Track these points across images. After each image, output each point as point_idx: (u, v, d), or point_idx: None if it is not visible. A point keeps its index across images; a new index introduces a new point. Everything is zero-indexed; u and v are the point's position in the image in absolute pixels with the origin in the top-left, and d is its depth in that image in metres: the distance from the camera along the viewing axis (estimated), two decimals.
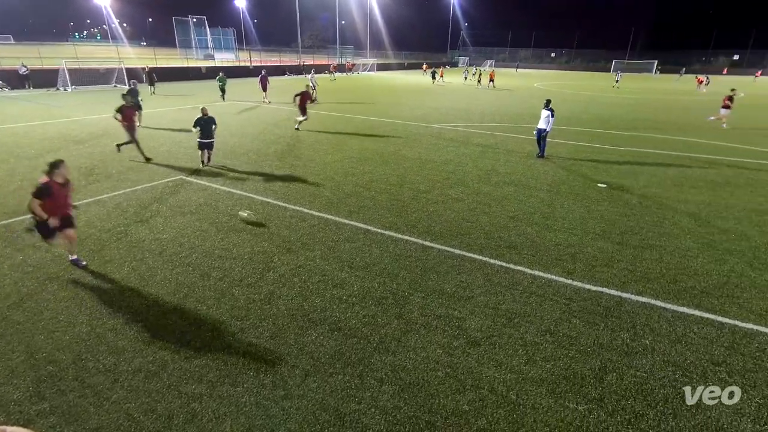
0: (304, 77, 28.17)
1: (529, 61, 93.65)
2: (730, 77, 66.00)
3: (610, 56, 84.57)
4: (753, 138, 16.51)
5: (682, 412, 3.73)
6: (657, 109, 25.50)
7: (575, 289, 5.61)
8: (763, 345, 4.59)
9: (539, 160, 12.30)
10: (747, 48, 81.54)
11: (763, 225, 7.87)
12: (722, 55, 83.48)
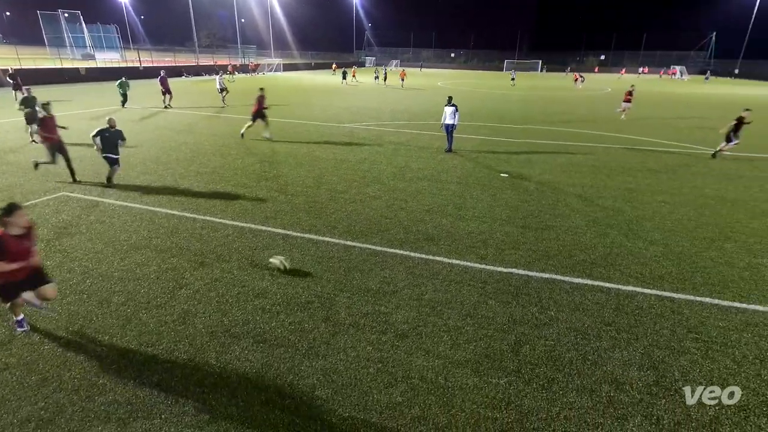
0: (215, 78, 26.31)
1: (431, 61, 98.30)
2: (601, 75, 75.87)
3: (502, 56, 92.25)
4: (623, 126, 19.18)
5: (584, 371, 4.22)
6: (545, 104, 28.39)
7: (489, 273, 6.04)
8: (641, 303, 5.38)
9: (448, 155, 12.99)
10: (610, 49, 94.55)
11: (634, 201, 9.19)
12: (591, 55, 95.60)
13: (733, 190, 10.10)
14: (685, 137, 16.79)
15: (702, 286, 5.79)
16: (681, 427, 3.60)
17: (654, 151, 14.19)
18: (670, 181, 10.69)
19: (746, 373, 4.22)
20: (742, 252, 6.83)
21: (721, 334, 4.79)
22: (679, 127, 19.55)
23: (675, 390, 3.98)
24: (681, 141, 15.98)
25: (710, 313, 5.19)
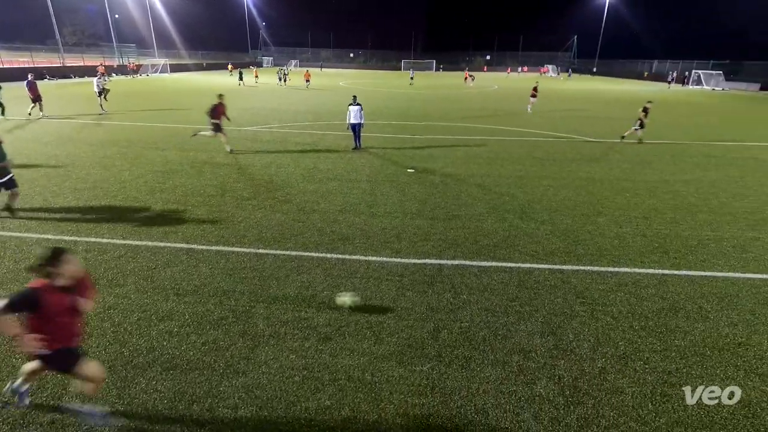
0: (92, 81, 23.10)
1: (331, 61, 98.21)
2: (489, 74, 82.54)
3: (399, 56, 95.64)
4: (511, 120, 21.12)
5: (496, 346, 4.59)
6: (442, 101, 30.08)
7: (404, 266, 6.25)
8: (538, 277, 6.00)
9: (356, 154, 13.12)
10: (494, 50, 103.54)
11: (524, 187, 10.20)
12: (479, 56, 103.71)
13: (600, 171, 11.74)
14: (561, 127, 19.06)
15: (584, 256, 6.65)
16: (578, 381, 4.10)
17: (537, 141, 15.88)
18: (552, 167, 12.06)
19: (622, 326, 4.95)
20: (611, 224, 7.99)
21: (602, 296, 5.56)
22: (554, 118, 22.12)
23: (570, 349, 4.53)
24: (557, 131, 18.11)
25: (592, 279, 5.99)
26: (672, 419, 3.69)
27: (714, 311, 5.26)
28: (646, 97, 29.56)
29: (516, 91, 41.52)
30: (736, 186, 10.51)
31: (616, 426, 3.62)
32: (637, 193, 9.84)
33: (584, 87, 49.46)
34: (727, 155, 13.99)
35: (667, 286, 5.83)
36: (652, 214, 8.52)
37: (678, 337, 4.76)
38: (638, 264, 6.42)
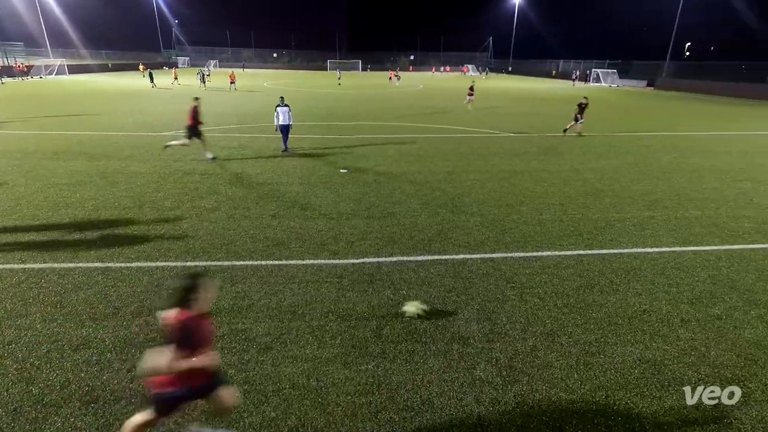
0: None
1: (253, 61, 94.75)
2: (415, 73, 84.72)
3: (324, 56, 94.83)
4: (436, 118, 21.88)
5: (437, 336, 4.74)
6: (371, 101, 30.35)
7: (343, 267, 6.22)
8: (471, 267, 6.30)
9: (286, 156, 12.80)
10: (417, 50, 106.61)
11: (453, 181, 10.64)
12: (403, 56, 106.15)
13: (520, 164, 12.60)
14: (484, 124, 20.14)
15: (511, 243, 7.10)
16: (513, 361, 4.37)
17: (463, 138, 16.64)
18: (477, 162, 12.71)
19: (548, 305, 5.37)
20: (533, 212, 8.61)
21: (529, 279, 5.97)
22: (477, 115, 23.31)
23: (504, 332, 4.81)
24: (481, 127, 19.11)
25: (519, 264, 6.42)
26: (594, 385, 4.07)
27: (622, 284, 5.89)
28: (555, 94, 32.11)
29: (441, 90, 43.16)
30: (633, 172, 11.84)
31: (548, 398, 3.91)
32: (553, 182, 10.70)
33: (501, 85, 52.69)
34: (624, 145, 15.71)
35: (583, 265, 6.41)
36: (567, 200, 9.32)
37: (595, 311, 5.26)
38: (558, 247, 6.99)
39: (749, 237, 7.52)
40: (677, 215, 8.51)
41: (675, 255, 6.80)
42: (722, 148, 15.29)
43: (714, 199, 9.53)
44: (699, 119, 23.51)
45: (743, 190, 10.23)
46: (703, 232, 7.68)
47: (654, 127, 20.19)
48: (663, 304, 5.42)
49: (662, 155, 13.97)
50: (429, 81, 58.86)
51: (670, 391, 4.01)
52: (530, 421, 3.67)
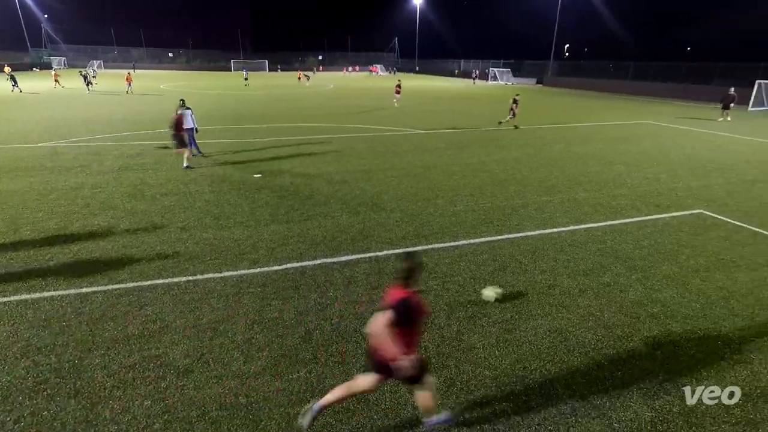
0: None
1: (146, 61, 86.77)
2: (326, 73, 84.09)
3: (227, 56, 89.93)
4: (349, 118, 21.96)
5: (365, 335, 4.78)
6: (281, 102, 29.48)
7: (265, 275, 5.99)
8: (395, 262, 6.45)
9: (193, 162, 11.93)
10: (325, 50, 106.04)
11: (371, 179, 10.79)
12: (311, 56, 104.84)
13: (432, 159, 13.19)
14: (396, 122, 20.69)
15: (430, 235, 7.41)
16: (440, 348, 4.58)
17: (377, 136, 16.93)
18: (393, 159, 13.03)
19: (468, 291, 5.70)
20: (448, 204, 9.07)
21: (449, 268, 6.29)
22: (390, 114, 23.88)
23: (431, 322, 5.01)
24: (393, 125, 19.61)
25: (439, 254, 6.73)
26: (513, 359, 4.43)
27: (530, 264, 6.48)
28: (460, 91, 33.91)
29: (351, 89, 43.41)
30: (531, 161, 13.04)
31: (475, 377, 4.17)
32: (463, 175, 11.37)
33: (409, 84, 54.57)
34: (521, 137, 17.23)
35: (495, 250, 6.92)
36: (477, 191, 9.97)
37: (508, 289, 5.71)
38: (473, 235, 7.46)
39: (626, 212, 8.72)
40: (569, 198, 9.57)
41: (570, 233, 7.64)
42: (599, 137, 17.50)
43: (597, 182, 10.88)
44: (579, 112, 26.62)
45: (618, 173, 11.82)
46: (590, 211, 8.73)
47: (545, 120, 22.42)
48: (564, 278, 6.06)
49: (553, 145, 15.59)
50: (340, 81, 58.86)
51: (575, 354, 4.51)
52: (460, 401, 3.87)
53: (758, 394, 4.00)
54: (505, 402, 3.88)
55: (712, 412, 3.79)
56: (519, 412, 3.76)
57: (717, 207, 9.06)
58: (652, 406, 3.85)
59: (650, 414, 3.76)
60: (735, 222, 8.26)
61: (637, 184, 10.78)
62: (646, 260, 6.61)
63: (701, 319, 5.15)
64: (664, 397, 3.96)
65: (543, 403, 3.87)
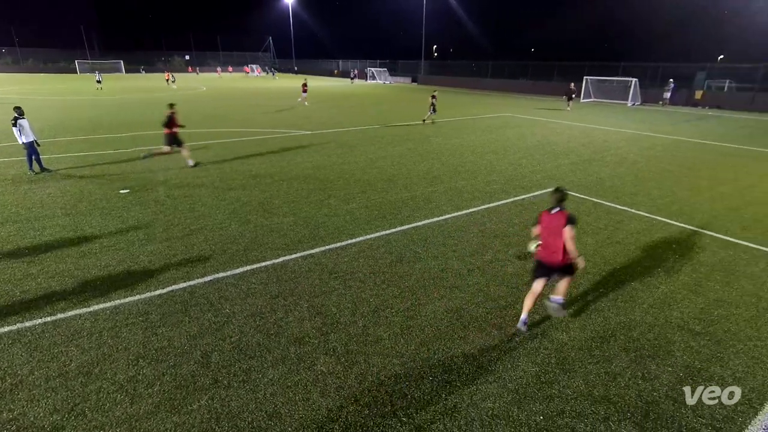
0: None
1: None
2: (197, 74, 77.49)
3: (71, 56, 77.21)
4: (229, 121, 20.63)
5: (272, 345, 4.59)
6: (145, 107, 26.35)
7: (146, 301, 5.34)
8: (293, 267, 6.29)
9: (37, 181, 10.03)
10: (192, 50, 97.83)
11: (259, 185, 10.33)
12: (176, 56, 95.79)
13: (320, 158, 13.14)
14: (280, 124, 20.07)
15: (326, 236, 7.38)
16: (348, 345, 4.61)
17: (261, 139, 16.23)
18: (280, 162, 12.64)
19: (369, 286, 5.83)
20: (341, 203, 9.14)
21: (349, 266, 6.35)
22: (272, 116, 23.06)
23: (336, 321, 5.02)
24: (277, 127, 19.00)
25: (338, 254, 6.75)
26: (417, 344, 4.67)
27: (423, 252, 6.88)
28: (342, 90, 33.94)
29: (226, 91, 40.84)
30: (414, 155, 13.82)
31: (383, 367, 4.29)
32: (353, 173, 11.55)
33: (290, 85, 53.41)
34: (404, 133, 18.13)
35: (391, 243, 7.20)
36: (368, 188, 10.23)
37: (407, 280, 6.00)
38: (368, 231, 7.64)
39: (498, 196, 9.78)
40: (451, 187, 10.39)
41: (455, 219, 8.30)
42: (470, 129, 19.31)
43: (472, 171, 11.99)
44: (451, 107, 28.98)
45: (489, 161, 13.19)
46: (470, 197, 9.59)
47: (421, 116, 23.92)
48: (454, 261, 6.57)
49: (433, 139, 16.73)
50: (213, 82, 54.90)
51: (470, 328, 4.93)
52: (372, 394, 3.96)
53: (609, 335, 4.86)
54: (414, 384, 4.08)
55: (580, 357, 4.49)
56: (426, 392, 3.99)
57: (566, 184, 10.70)
58: (535, 362, 4.41)
59: (534, 369, 4.31)
60: (580, 195, 9.85)
61: (504, 169, 12.16)
62: (519, 236, 7.52)
63: None
64: (543, 352, 4.56)
65: (447, 378, 4.17)
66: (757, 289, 5.88)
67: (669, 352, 4.60)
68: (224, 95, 36.23)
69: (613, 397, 3.97)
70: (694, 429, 3.65)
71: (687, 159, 13.93)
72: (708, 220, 8.43)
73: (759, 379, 4.24)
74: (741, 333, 4.94)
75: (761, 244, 7.32)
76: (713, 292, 5.82)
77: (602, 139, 17.26)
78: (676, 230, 7.92)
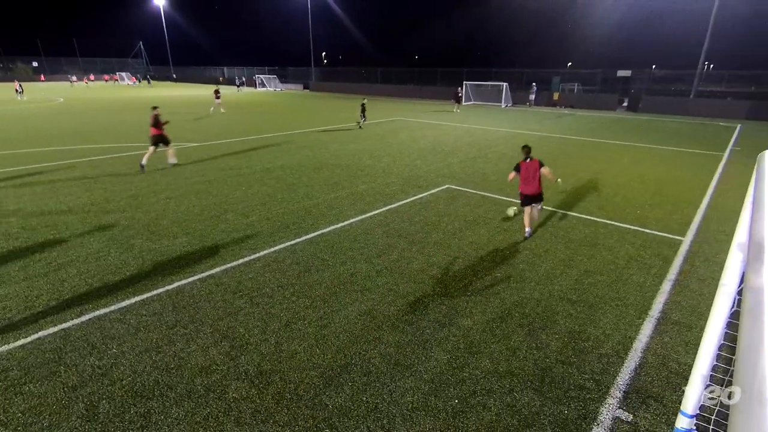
0: None
1: None
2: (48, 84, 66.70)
3: None
4: (95, 137, 18.12)
5: (174, 381, 4.15)
6: None
7: (6, 356, 4.44)
8: (191, 291, 5.77)
9: None
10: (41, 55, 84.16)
11: (141, 206, 9.28)
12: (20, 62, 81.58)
13: (212, 172, 12.28)
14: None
15: (226, 254, 6.92)
16: (262, 366, 4.38)
17: (137, 155, 14.59)
18: (165, 179, 11.51)
19: (278, 300, 5.61)
20: (240, 217, 8.65)
21: (254, 282, 6.04)
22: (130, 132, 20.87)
23: (245, 342, 4.73)
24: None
25: (241, 271, 6.37)
26: (333, 351, 4.63)
27: (330, 258, 6.84)
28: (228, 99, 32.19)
29: (88, 102, 35.96)
30: (313, 162, 13.68)
31: (301, 382, 4.17)
32: (250, 184, 11.02)
33: (167, 94, 49.01)
34: (299, 140, 17.84)
35: (297, 253, 7.02)
36: (267, 199, 9.85)
37: (317, 289, 5.90)
38: (272, 243, 7.35)
39: (398, 197, 10.17)
40: (353, 192, 10.51)
41: (359, 222, 8.42)
42: (365, 135, 19.76)
43: (371, 174, 12.29)
44: (345, 113, 29.34)
45: (386, 164, 13.64)
46: (372, 200, 9.81)
47: (320, 122, 23.83)
48: (362, 264, 6.65)
49: (330, 145, 16.75)
50: (70, 93, 47.84)
51: (384, 329, 5.03)
52: (292, 411, 3.82)
53: (506, 314, 5.37)
54: (334, 393, 4.03)
55: (484, 338, 4.87)
56: (347, 398, 3.97)
57: (457, 181, 11.55)
58: (446, 350, 4.67)
59: (446, 356, 4.57)
60: (470, 190, 10.72)
61: (401, 171, 12.69)
62: (420, 233, 7.91)
63: (465, 269, 6.53)
64: (452, 339, 4.86)
65: (366, 380, 4.20)
66: (615, 258, 7.01)
67: (554, 321, 5.24)
68: (86, 106, 31.80)
69: (515, 370, 4.38)
70: (581, 384, 4.22)
71: (553, 152, 16.04)
72: (573, 202, 9.81)
73: (622, 332, 5.06)
74: (606, 296, 5.84)
75: (613, 220, 8.75)
76: (583, 264, 6.78)
77: (484, 138, 19.02)
78: (551, 214, 9.06)
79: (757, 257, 0.99)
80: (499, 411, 3.87)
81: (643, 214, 9.08)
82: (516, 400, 3.99)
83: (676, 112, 31.11)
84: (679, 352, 4.71)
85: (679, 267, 6.74)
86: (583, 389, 4.16)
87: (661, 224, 8.52)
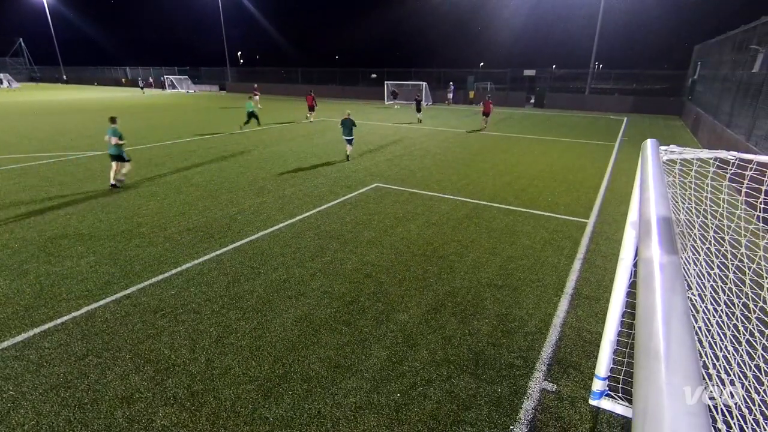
0: None
1: None
2: None
3: None
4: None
5: (89, 417, 3.72)
6: None
7: None
8: (104, 315, 5.21)
9: None
10: None
11: (33, 226, 8.18)
12: None
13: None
14: (51, 147, 16.23)
15: (143, 271, 6.35)
16: (193, 386, 4.09)
17: (28, 167, 12.83)
18: (64, 190, 10.24)
19: (206, 315, 5.28)
20: (156, 230, 7.98)
21: (177, 299, 5.61)
22: (36, 137, 18.45)
23: (172, 364, 4.38)
24: (49, 150, 15.33)
25: (162, 288, 5.88)
26: (270, 361, 4.46)
27: (261, 266, 6.59)
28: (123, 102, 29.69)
29: None
30: (235, 167, 13.05)
31: (237, 398, 3.97)
32: (165, 195, 10.22)
33: (51, 98, 43.67)
34: (218, 146, 16.92)
35: (223, 263, 6.66)
36: (186, 209, 9.21)
37: (248, 299, 5.65)
38: (195, 256, 6.89)
39: (328, 198, 10.07)
40: (280, 195, 10.21)
41: (289, 227, 8.21)
42: (290, 136, 19.30)
43: (298, 176, 12.03)
44: (269, 114, 28.41)
45: (314, 165, 13.44)
46: (300, 203, 9.61)
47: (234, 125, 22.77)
48: (295, 269, 6.50)
49: (252, 150, 16.10)
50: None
51: (322, 332, 4.97)
52: (229, 431, 3.62)
53: (440, 305, 5.57)
54: (274, 404, 3.89)
55: (420, 330, 5.02)
56: (288, 408, 3.86)
57: (385, 179, 11.74)
58: (384, 346, 4.74)
59: (385, 353, 4.63)
60: (397, 188, 10.95)
61: (329, 172, 12.59)
62: (352, 233, 7.91)
63: (398, 265, 6.66)
64: (390, 335, 4.94)
65: (307, 387, 4.12)
66: (532, 243, 7.60)
67: (484, 307, 5.56)
68: None
69: (451, 357, 4.58)
70: (510, 362, 4.52)
71: (473, 147, 16.95)
72: (493, 194, 10.46)
73: (543, 310, 5.51)
74: (527, 279, 6.32)
75: (529, 208, 9.48)
76: (505, 251, 7.26)
77: (408, 136, 19.53)
78: (474, 206, 9.58)
79: (647, 233, 1.13)
80: (440, 399, 4.02)
81: (554, 201, 9.96)
82: (454, 386, 4.17)
83: (575, 107, 34.54)
84: (590, 323, 5.24)
85: (586, 246, 7.50)
86: (513, 367, 4.46)
87: (569, 209, 9.40)
